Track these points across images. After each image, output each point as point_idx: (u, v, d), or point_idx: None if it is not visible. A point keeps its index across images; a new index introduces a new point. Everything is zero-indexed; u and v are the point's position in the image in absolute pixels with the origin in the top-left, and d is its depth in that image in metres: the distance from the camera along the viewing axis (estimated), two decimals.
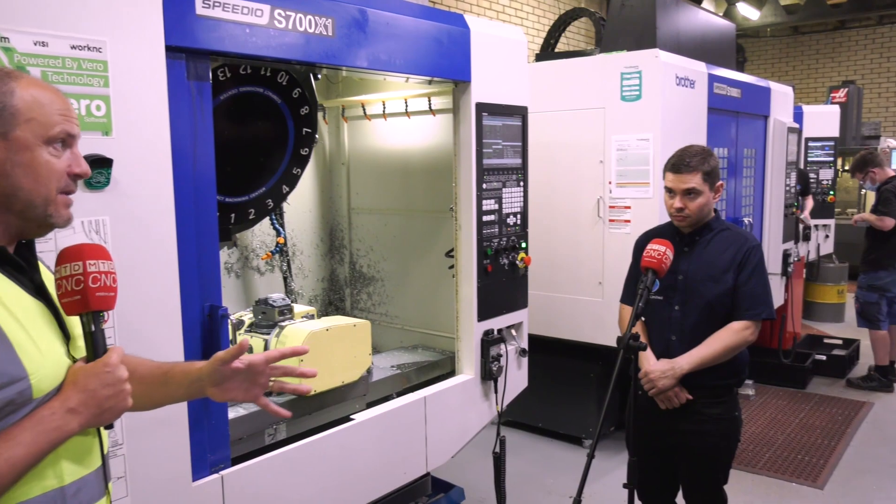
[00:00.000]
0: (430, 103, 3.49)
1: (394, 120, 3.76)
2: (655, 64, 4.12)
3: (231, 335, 2.82)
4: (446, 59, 2.97)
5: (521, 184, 3.42)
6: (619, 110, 4.26)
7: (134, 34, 1.94)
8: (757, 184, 5.62)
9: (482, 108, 3.14)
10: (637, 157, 4.21)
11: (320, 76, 3.30)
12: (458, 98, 3.15)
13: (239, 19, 2.20)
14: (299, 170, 3.16)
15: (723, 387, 2.80)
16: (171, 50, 2.04)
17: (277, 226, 3.61)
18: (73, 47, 1.82)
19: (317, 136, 3.20)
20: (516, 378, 3.50)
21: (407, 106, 3.61)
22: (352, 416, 2.84)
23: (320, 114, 3.80)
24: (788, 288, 6.01)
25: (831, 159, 6.97)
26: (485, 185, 3.20)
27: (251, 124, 2.93)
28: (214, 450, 2.28)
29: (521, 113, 3.38)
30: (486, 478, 3.59)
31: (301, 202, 3.91)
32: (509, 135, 3.32)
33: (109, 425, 1.34)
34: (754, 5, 12.55)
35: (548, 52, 5.61)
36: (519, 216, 3.42)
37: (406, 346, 3.78)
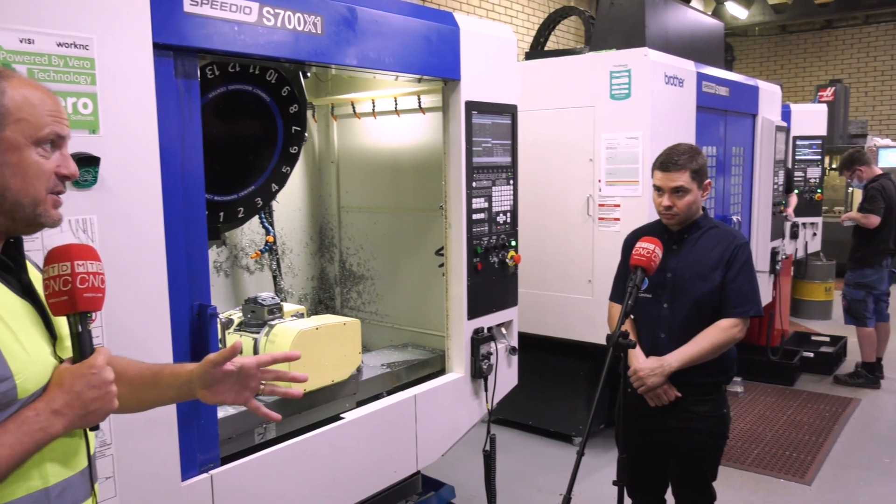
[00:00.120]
0: (419, 101, 3.49)
1: (383, 118, 3.76)
2: (644, 62, 4.13)
3: (220, 334, 2.81)
4: (436, 57, 2.97)
5: (511, 182, 3.43)
6: (608, 109, 4.27)
7: (121, 31, 1.93)
8: (745, 182, 5.66)
9: (472, 106, 3.14)
10: (626, 155, 4.22)
11: (309, 74, 3.29)
12: (447, 96, 3.14)
13: (227, 17, 2.18)
14: (288, 168, 3.15)
15: (711, 384, 2.81)
16: (159, 47, 2.03)
17: (267, 224, 3.60)
18: (59, 45, 1.80)
19: (306, 134, 3.18)
20: (506, 376, 3.50)
21: (396, 104, 3.60)
22: (342, 415, 2.83)
23: (309, 112, 3.79)
24: (776, 285, 6.05)
25: (819, 157, 7.01)
26: (474, 184, 3.20)
27: (240, 122, 2.92)
28: (204, 449, 2.27)
29: (510, 111, 3.38)
30: (476, 476, 3.59)
31: (290, 200, 3.90)
32: (499, 133, 3.32)
33: (95, 427, 1.33)
34: (742, 4, 12.61)
35: (537, 50, 5.61)
36: (509, 214, 3.42)
37: (396, 344, 3.77)
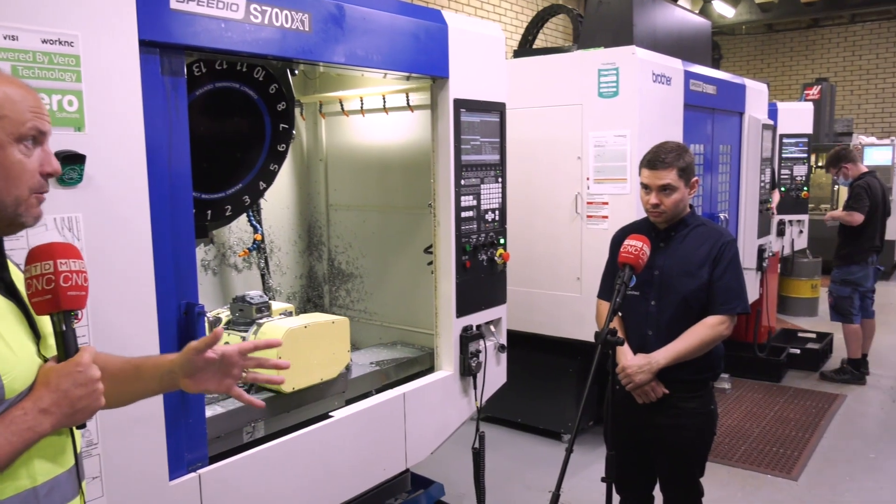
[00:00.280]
0: (408, 99, 3.48)
1: (372, 116, 3.75)
2: (632, 61, 4.14)
3: (207, 333, 2.79)
4: (424, 54, 2.97)
5: (500, 180, 3.43)
6: (596, 107, 4.28)
7: (107, 28, 1.92)
8: (732, 180, 5.69)
9: (460, 104, 3.14)
10: (614, 153, 4.23)
11: (297, 71, 3.28)
12: (435, 94, 3.14)
13: (214, 14, 2.17)
14: (276, 166, 3.14)
15: (699, 381, 2.83)
16: (145, 44, 2.02)
17: (255, 222, 3.59)
18: (44, 41, 1.79)
19: (294, 132, 3.17)
20: (495, 374, 3.51)
21: (385, 102, 3.60)
22: (331, 414, 2.83)
23: (297, 109, 3.78)
24: (763, 283, 6.09)
25: (805, 155, 7.05)
26: (463, 182, 3.20)
27: (227, 120, 2.90)
28: (192, 448, 2.26)
29: (499, 109, 3.39)
30: (465, 473, 3.60)
31: (278, 199, 3.89)
32: (487, 131, 3.32)
33: (82, 425, 1.32)
34: (730, 3, 12.69)
35: (526, 48, 5.62)
36: (497, 212, 3.43)
37: (385, 342, 3.77)
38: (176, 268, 2.17)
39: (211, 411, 2.47)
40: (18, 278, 1.36)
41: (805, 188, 7.08)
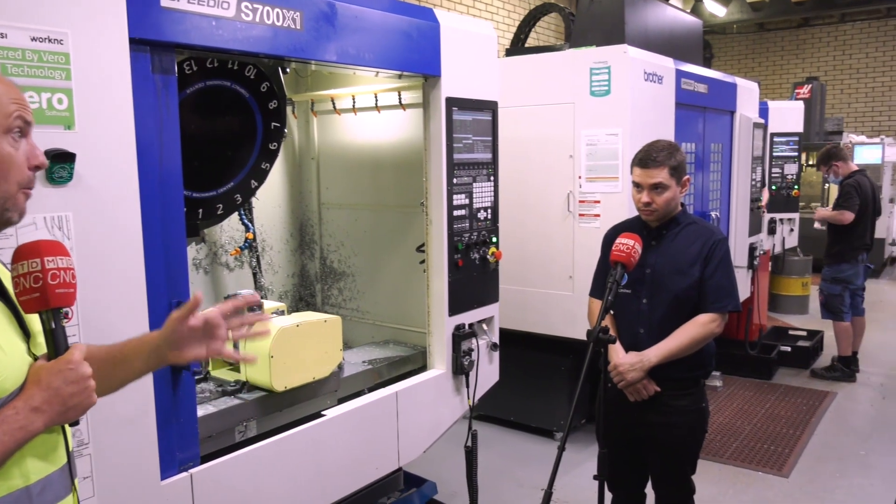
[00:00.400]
0: (400, 98, 3.48)
1: (364, 114, 3.74)
2: (624, 59, 4.15)
3: None
4: (416, 53, 2.97)
5: (492, 178, 3.43)
6: (588, 105, 4.29)
7: (97, 26, 1.91)
8: (724, 178, 5.71)
9: (452, 102, 3.14)
10: (606, 151, 4.24)
11: (289, 70, 3.27)
12: (428, 93, 3.14)
13: (205, 11, 2.17)
14: (268, 165, 3.13)
15: (690, 379, 2.84)
16: (136, 42, 2.01)
17: (246, 221, 3.58)
18: (33, 39, 1.78)
19: (285, 130, 3.17)
20: (488, 372, 3.51)
21: (377, 100, 3.59)
22: (323, 412, 2.82)
23: (289, 108, 3.77)
24: (754, 281, 6.11)
25: (796, 154, 7.09)
26: (455, 180, 3.20)
27: (218, 118, 2.89)
28: (183, 448, 2.25)
29: (491, 108, 3.39)
30: (458, 472, 3.60)
31: (270, 197, 3.88)
32: (479, 129, 3.33)
33: (74, 422, 1.32)
34: (721, 2, 12.73)
35: (518, 47, 5.62)
36: (490, 211, 3.43)
37: (377, 341, 3.77)
38: (167, 266, 2.16)
39: (203, 410, 2.46)
40: (6, 277, 1.35)
41: (796, 186, 7.11)
